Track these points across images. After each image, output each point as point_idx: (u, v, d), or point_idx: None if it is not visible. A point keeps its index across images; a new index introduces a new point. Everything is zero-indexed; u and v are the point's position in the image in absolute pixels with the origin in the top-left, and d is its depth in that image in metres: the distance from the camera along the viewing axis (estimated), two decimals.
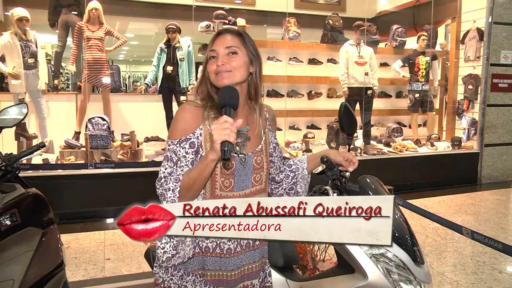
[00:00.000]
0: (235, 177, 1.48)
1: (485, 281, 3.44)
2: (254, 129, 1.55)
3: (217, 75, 1.44)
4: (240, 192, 1.49)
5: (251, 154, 1.51)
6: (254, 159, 1.52)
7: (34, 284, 1.92)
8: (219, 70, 1.43)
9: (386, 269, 1.67)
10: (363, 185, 1.85)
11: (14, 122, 2.28)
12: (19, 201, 1.99)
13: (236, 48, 1.46)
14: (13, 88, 5.40)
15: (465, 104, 7.18)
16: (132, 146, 5.63)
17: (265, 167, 1.56)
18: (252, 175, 1.52)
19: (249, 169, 1.50)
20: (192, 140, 1.44)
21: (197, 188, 1.39)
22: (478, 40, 6.91)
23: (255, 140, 1.54)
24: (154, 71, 6.06)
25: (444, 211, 5.31)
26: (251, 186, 1.52)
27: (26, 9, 5.33)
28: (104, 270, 3.62)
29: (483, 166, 6.94)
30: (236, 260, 1.50)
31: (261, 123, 1.58)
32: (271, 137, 1.65)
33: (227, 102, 1.33)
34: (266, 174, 1.58)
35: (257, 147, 1.54)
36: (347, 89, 6.30)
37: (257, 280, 1.58)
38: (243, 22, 5.96)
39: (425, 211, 2.49)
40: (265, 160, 1.56)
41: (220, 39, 1.48)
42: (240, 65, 1.45)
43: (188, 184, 1.38)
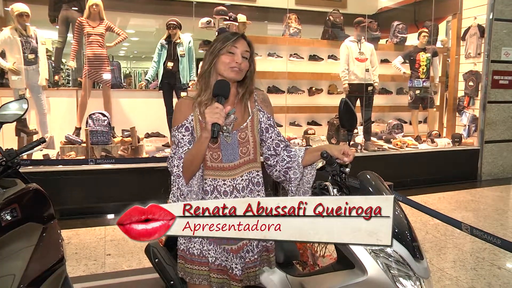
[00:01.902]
0: (222, 151, 1.78)
1: (485, 277, 3.45)
2: (241, 112, 1.84)
3: (231, 68, 1.75)
4: (230, 163, 1.79)
5: (235, 132, 1.80)
6: (239, 134, 1.80)
7: (34, 279, 1.93)
8: (234, 66, 1.75)
9: (385, 265, 1.67)
10: (363, 181, 1.86)
11: (14, 117, 2.28)
12: (20, 197, 1.99)
13: (248, 55, 1.80)
14: (13, 84, 5.41)
15: (466, 101, 7.18)
16: (133, 142, 5.63)
17: (251, 140, 1.82)
18: (239, 148, 1.80)
19: (234, 143, 1.79)
20: (186, 125, 1.79)
21: (197, 162, 1.72)
22: (479, 37, 6.90)
23: (241, 120, 1.83)
24: (155, 67, 6.05)
25: (444, 208, 5.31)
26: (239, 157, 1.80)
27: (26, 4, 5.33)
28: (105, 266, 3.63)
29: (483, 163, 6.95)
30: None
31: (250, 105, 1.87)
32: (261, 117, 1.88)
33: (219, 92, 1.67)
34: (254, 147, 1.84)
35: (242, 125, 1.82)
36: (348, 85, 6.29)
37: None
38: (243, 19, 5.94)
39: (425, 207, 2.50)
40: (250, 135, 1.83)
41: (242, 42, 1.79)
42: (245, 69, 1.80)
43: (189, 159, 1.72)
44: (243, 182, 1.78)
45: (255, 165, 1.83)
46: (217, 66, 1.77)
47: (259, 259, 1.86)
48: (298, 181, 1.86)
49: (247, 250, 1.81)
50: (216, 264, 1.78)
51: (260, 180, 1.85)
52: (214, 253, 1.78)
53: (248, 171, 1.80)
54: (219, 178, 1.77)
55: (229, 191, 1.77)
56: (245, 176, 1.79)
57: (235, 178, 1.78)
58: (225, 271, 1.80)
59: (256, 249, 1.83)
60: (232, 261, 1.78)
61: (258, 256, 1.84)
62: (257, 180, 1.84)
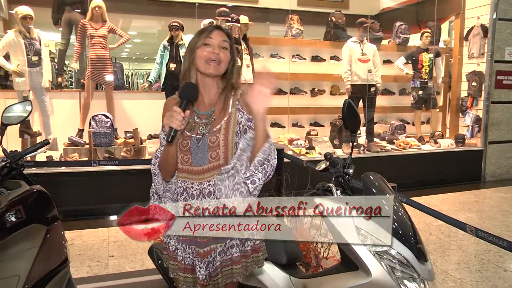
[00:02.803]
0: (192, 154, 1.71)
1: (490, 279, 3.43)
2: (220, 111, 1.74)
3: (207, 62, 1.67)
4: (199, 167, 1.72)
5: (207, 135, 1.71)
6: (209, 138, 1.70)
7: (39, 280, 1.94)
8: (211, 57, 1.66)
9: (389, 267, 1.67)
10: (367, 182, 1.85)
11: (18, 119, 2.29)
12: (24, 198, 2.00)
13: (228, 45, 1.71)
14: (17, 86, 5.43)
15: (469, 101, 7.16)
16: (136, 143, 5.64)
17: (221, 145, 1.70)
18: (208, 152, 1.71)
19: (204, 147, 1.71)
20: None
21: (169, 163, 1.72)
22: (482, 37, 6.88)
23: (218, 121, 1.73)
24: (157, 69, 6.06)
25: (447, 209, 5.30)
26: (208, 162, 1.71)
27: (30, 7, 5.35)
28: (108, 267, 3.63)
29: (487, 164, 6.92)
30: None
31: (231, 104, 1.75)
32: (240, 118, 1.73)
33: (184, 96, 1.62)
34: (225, 151, 1.71)
35: (215, 127, 1.72)
36: (350, 86, 6.28)
37: (219, 245, 1.73)
38: (246, 20, 5.94)
39: (428, 208, 2.49)
40: (222, 139, 1.70)
41: (217, 32, 1.71)
42: (226, 60, 1.71)
43: (162, 160, 1.73)
44: (210, 187, 1.70)
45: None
46: (196, 62, 1.70)
47: (229, 264, 1.75)
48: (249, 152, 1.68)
49: (214, 256, 1.74)
50: (185, 263, 1.76)
51: None
52: (183, 252, 1.76)
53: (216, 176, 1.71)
54: (188, 180, 1.73)
55: (196, 195, 1.72)
56: (212, 181, 1.70)
57: (202, 183, 1.71)
58: (194, 271, 1.76)
59: (219, 256, 1.73)
60: (197, 264, 1.74)
61: (220, 263, 1.73)
62: None
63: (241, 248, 1.76)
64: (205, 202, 1.70)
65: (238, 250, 1.75)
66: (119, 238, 4.29)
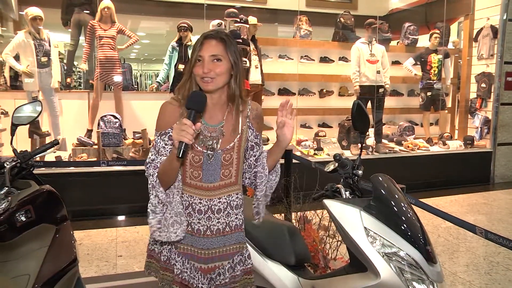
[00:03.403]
0: (203, 170, 1.64)
1: (499, 282, 3.40)
2: (230, 127, 1.67)
3: (202, 80, 1.59)
4: (209, 184, 1.66)
5: (220, 152, 1.64)
6: (223, 156, 1.65)
7: (48, 279, 1.95)
8: (204, 76, 1.58)
9: (398, 268, 1.66)
10: (376, 183, 1.84)
11: (28, 119, 2.30)
12: (34, 198, 2.01)
13: (220, 56, 1.59)
14: (26, 86, 5.47)
15: (478, 103, 7.11)
16: (144, 144, 5.66)
17: (234, 163, 1.68)
18: (221, 170, 1.66)
19: (217, 164, 1.65)
20: (170, 133, 1.61)
21: (170, 176, 1.58)
22: (492, 38, 6.83)
23: (229, 137, 1.66)
24: (166, 70, 6.08)
25: (456, 211, 5.27)
26: (219, 179, 1.66)
27: (40, 8, 5.39)
28: (116, 267, 3.65)
29: (496, 165, 6.87)
30: (206, 241, 1.68)
31: (241, 120, 1.69)
32: (249, 135, 1.72)
33: (192, 106, 1.47)
34: (237, 169, 1.70)
35: (228, 145, 1.66)
36: (359, 87, 6.27)
37: (227, 262, 1.70)
38: (254, 21, 5.94)
39: (438, 210, 2.47)
40: (235, 157, 1.68)
41: (207, 45, 1.60)
42: (222, 72, 1.59)
43: (162, 172, 1.58)
44: (220, 204, 1.67)
45: (235, 188, 1.71)
46: (196, 78, 1.63)
47: (232, 284, 1.72)
48: (264, 186, 1.72)
49: (219, 273, 1.70)
50: (181, 277, 1.69)
51: (240, 202, 1.72)
52: (181, 265, 1.69)
53: (227, 194, 1.68)
54: (196, 196, 1.66)
55: (203, 210, 1.66)
56: (223, 199, 1.67)
57: (212, 199, 1.66)
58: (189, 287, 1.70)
59: (228, 273, 1.71)
60: (199, 280, 1.68)
61: (230, 280, 1.71)
62: (236, 203, 1.71)
63: (246, 263, 1.75)
64: (214, 218, 1.67)
65: (244, 264, 1.75)
66: (128, 238, 4.31)
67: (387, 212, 1.75)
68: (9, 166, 2.04)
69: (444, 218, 2.47)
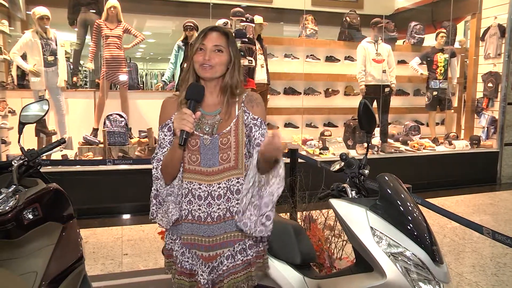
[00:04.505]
0: (201, 154, 1.68)
1: (507, 283, 3.38)
2: (226, 114, 1.70)
3: (201, 66, 1.66)
4: (208, 168, 1.68)
5: (217, 136, 1.68)
6: (220, 140, 1.68)
7: (55, 276, 1.97)
8: (204, 63, 1.65)
9: (404, 268, 1.65)
10: (382, 183, 1.84)
11: (35, 118, 2.32)
12: (41, 196, 2.03)
13: (222, 47, 1.67)
14: (33, 85, 5.50)
15: (485, 102, 7.07)
16: (150, 143, 5.67)
17: (233, 146, 1.69)
18: (219, 154, 1.68)
19: (215, 148, 1.68)
20: (169, 124, 1.71)
21: (174, 166, 1.64)
22: (499, 37, 6.79)
23: (226, 123, 1.70)
24: (172, 69, 6.09)
25: (462, 211, 5.24)
26: (218, 164, 1.68)
27: (47, 8, 5.41)
28: (122, 265, 3.66)
29: (503, 166, 6.83)
30: (207, 228, 1.70)
31: (237, 106, 1.73)
32: (245, 118, 1.72)
33: (191, 97, 1.59)
34: (236, 153, 1.70)
35: (225, 129, 1.69)
36: (365, 86, 6.26)
37: (227, 249, 1.71)
38: (260, 20, 5.94)
39: (444, 210, 2.47)
40: (233, 141, 1.69)
41: (210, 36, 1.68)
42: (222, 63, 1.67)
43: (165, 163, 1.66)
44: (220, 189, 1.68)
45: (235, 172, 1.70)
46: (195, 66, 1.69)
47: (233, 275, 1.72)
48: (248, 187, 1.62)
49: (221, 261, 1.72)
50: (183, 267, 1.73)
51: (241, 188, 1.69)
52: (181, 255, 1.73)
53: (227, 179, 1.69)
54: (195, 181, 1.68)
55: (203, 196, 1.68)
56: (223, 184, 1.68)
57: (212, 184, 1.67)
58: (193, 275, 1.73)
59: (227, 261, 1.71)
60: (200, 267, 1.71)
61: (230, 269, 1.71)
62: (237, 188, 1.70)
63: (247, 253, 1.74)
64: (214, 204, 1.68)
65: (245, 254, 1.73)
66: (133, 237, 4.32)
67: (393, 212, 1.75)
68: (16, 165, 2.06)
69: (451, 218, 2.46)
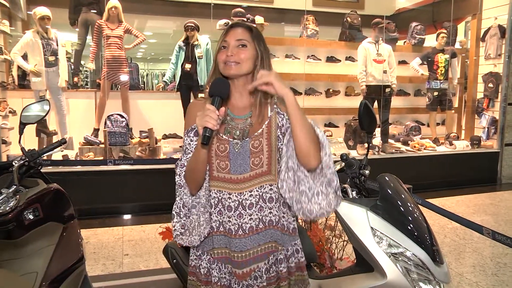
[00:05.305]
0: (231, 160, 1.54)
1: (507, 283, 3.38)
2: (258, 117, 1.57)
3: (226, 64, 1.54)
4: (239, 175, 1.54)
5: (248, 139, 1.54)
6: (251, 143, 1.54)
7: (56, 277, 1.97)
8: (227, 60, 1.53)
9: (405, 268, 1.66)
10: (382, 183, 1.84)
11: (36, 118, 2.32)
12: (41, 196, 2.03)
13: (245, 42, 1.55)
14: (34, 85, 5.52)
15: (485, 103, 7.07)
16: (151, 143, 5.67)
17: (265, 150, 1.55)
18: (250, 159, 1.54)
19: (245, 153, 1.54)
20: (196, 129, 1.53)
21: (199, 170, 1.51)
22: (500, 38, 6.79)
23: (257, 126, 1.57)
24: (173, 69, 6.09)
25: (462, 211, 5.24)
26: (249, 169, 1.54)
27: (48, 8, 5.43)
28: (123, 266, 3.66)
29: (503, 166, 6.83)
30: (239, 242, 1.56)
31: (269, 108, 1.59)
32: (280, 120, 1.58)
33: (215, 92, 1.46)
34: (269, 157, 1.56)
35: (256, 132, 1.56)
36: (365, 87, 6.26)
37: (263, 263, 1.57)
38: (261, 20, 5.95)
39: (444, 210, 2.46)
40: (265, 143, 1.55)
41: (232, 32, 1.57)
42: (247, 58, 1.54)
43: (190, 168, 1.53)
44: (252, 198, 1.54)
45: (268, 178, 1.56)
46: (219, 66, 1.58)
47: (272, 282, 1.59)
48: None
49: (255, 276, 1.56)
50: (220, 284, 1.58)
51: (274, 196, 1.56)
52: (218, 272, 1.59)
53: (259, 185, 1.54)
54: (225, 190, 1.54)
55: (233, 207, 1.54)
56: (255, 192, 1.54)
57: (243, 193, 1.53)
58: None
59: (265, 275, 1.57)
60: (234, 285, 1.58)
61: (267, 283, 1.57)
62: (270, 195, 1.55)
63: (286, 264, 1.60)
64: (245, 215, 1.54)
65: (284, 265, 1.59)
66: (134, 237, 4.32)
67: (393, 212, 1.75)
68: (17, 165, 2.06)
69: (451, 219, 2.46)
